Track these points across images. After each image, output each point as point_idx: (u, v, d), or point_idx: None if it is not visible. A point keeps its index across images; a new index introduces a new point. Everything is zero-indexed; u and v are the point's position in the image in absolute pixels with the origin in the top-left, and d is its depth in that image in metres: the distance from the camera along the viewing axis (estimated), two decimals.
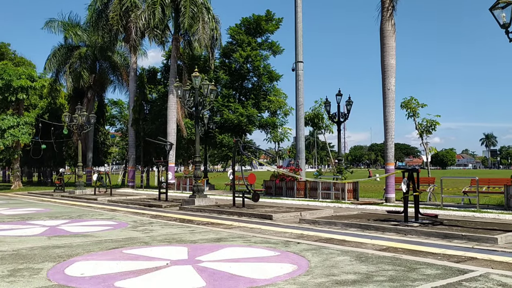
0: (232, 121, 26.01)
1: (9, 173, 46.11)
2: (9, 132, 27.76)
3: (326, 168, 75.91)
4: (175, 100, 25.76)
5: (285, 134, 26.92)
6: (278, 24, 27.61)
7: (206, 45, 25.10)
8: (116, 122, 48.15)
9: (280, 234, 7.96)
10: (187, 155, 37.05)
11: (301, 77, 20.24)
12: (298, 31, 20.03)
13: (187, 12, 24.02)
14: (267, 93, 28.09)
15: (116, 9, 25.96)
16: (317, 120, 22.07)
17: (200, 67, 25.47)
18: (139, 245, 6.84)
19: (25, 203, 16.89)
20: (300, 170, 18.94)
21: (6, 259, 5.70)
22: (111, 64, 34.46)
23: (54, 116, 35.08)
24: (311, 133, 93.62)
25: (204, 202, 14.03)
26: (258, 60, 26.78)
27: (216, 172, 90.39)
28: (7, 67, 28.91)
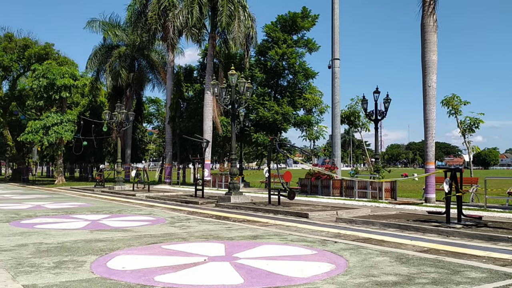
0: (267, 119, 26.00)
1: (53, 169, 47.95)
2: (53, 129, 28.81)
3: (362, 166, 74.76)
4: (211, 98, 26.00)
5: (321, 132, 26.64)
6: (314, 21, 27.37)
7: (241, 43, 25.18)
8: (153, 119, 49.18)
9: (316, 233, 7.89)
10: (223, 152, 37.39)
11: (337, 75, 19.99)
12: (335, 28, 19.77)
13: (224, 11, 24.17)
14: (303, 91, 27.91)
15: (154, 9, 26.44)
16: (353, 118, 21.69)
17: (236, 65, 25.58)
18: (177, 240, 6.94)
19: (68, 198, 17.51)
20: (336, 169, 18.72)
21: (52, 251, 5.91)
22: (149, 62, 35.17)
23: (94, 113, 36.15)
24: (346, 131, 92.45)
25: (240, 200, 14.09)
26: (294, 57, 26.65)
27: (251, 169, 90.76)
28: (51, 66, 29.99)
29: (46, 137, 28.71)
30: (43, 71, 29.24)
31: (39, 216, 10.53)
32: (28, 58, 33.32)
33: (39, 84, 28.91)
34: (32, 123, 29.43)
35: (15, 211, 11.81)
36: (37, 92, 29.39)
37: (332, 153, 20.06)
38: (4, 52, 33.05)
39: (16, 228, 8.24)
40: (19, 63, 34.10)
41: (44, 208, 12.65)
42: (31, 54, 33.20)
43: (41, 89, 29.09)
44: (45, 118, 29.32)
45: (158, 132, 49.97)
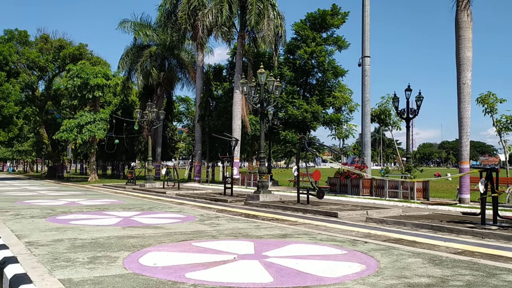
0: (296, 118, 25.92)
1: (86, 166, 49.26)
2: (86, 128, 29.62)
3: (392, 166, 73.48)
4: (240, 96, 26.12)
5: (350, 131, 26.37)
6: (344, 18, 27.08)
7: (270, 41, 25.17)
8: (183, 118, 49.79)
9: (346, 232, 7.81)
10: (251, 150, 37.52)
11: (367, 72, 19.72)
12: (365, 25, 19.50)
13: (254, 9, 24.22)
14: (332, 89, 27.68)
15: (184, 9, 26.76)
16: (383, 117, 21.36)
17: (265, 63, 25.62)
18: (207, 238, 7.01)
19: (100, 195, 17.94)
20: (366, 168, 18.48)
21: (86, 247, 6.08)
22: (179, 62, 35.63)
23: (126, 112, 36.92)
24: (376, 130, 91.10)
25: (269, 198, 14.10)
26: (323, 55, 26.45)
27: (279, 168, 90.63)
28: (85, 66, 30.82)
29: (80, 135, 29.55)
30: (77, 71, 30.09)
31: (74, 212, 10.84)
32: (63, 58, 34.33)
33: (73, 84, 29.78)
34: (67, 121, 30.35)
35: (51, 207, 12.19)
36: (72, 91, 30.28)
37: (362, 152, 19.81)
38: (40, 53, 34.17)
39: (52, 224, 8.50)
40: (55, 63, 35.18)
41: (78, 205, 13.01)
42: (65, 55, 34.19)
43: (75, 89, 29.94)
44: (79, 117, 30.16)
45: (187, 130, 50.59)
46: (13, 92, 32.24)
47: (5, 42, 33.51)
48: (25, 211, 10.97)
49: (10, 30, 34.49)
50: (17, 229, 7.72)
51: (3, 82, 31.89)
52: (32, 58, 33.26)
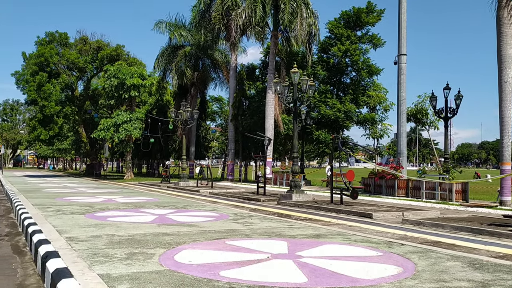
0: (329, 117, 25.68)
1: (122, 164, 50.46)
2: (123, 127, 30.34)
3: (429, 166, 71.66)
4: (273, 96, 26.11)
5: (385, 131, 25.88)
6: (380, 16, 26.60)
7: (304, 41, 25.03)
8: (216, 117, 50.22)
9: (381, 234, 7.67)
10: (284, 150, 37.41)
11: (403, 71, 19.30)
12: (402, 22, 19.09)
13: (287, 8, 24.15)
14: (366, 88, 27.25)
15: (218, 9, 26.97)
16: (420, 116, 20.89)
17: (298, 62, 25.47)
18: (240, 237, 7.04)
19: (136, 193, 18.34)
20: (401, 168, 18.09)
21: (123, 243, 6.22)
22: (213, 62, 35.95)
23: (161, 112, 37.59)
24: (412, 129, 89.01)
25: (302, 198, 14.03)
26: (358, 54, 26.08)
27: (312, 168, 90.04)
28: (122, 67, 31.57)
29: (116, 134, 30.30)
30: (114, 71, 30.86)
31: (111, 209, 11.12)
32: (100, 59, 35.28)
33: (111, 84, 30.56)
34: (104, 121, 31.18)
35: (90, 204, 12.56)
36: (109, 91, 31.09)
37: (397, 152, 19.41)
38: (79, 54, 35.23)
39: (91, 220, 8.76)
40: (93, 64, 36.19)
41: (115, 202, 13.34)
42: (103, 56, 35.11)
43: (112, 89, 30.72)
44: (116, 116, 30.93)
45: (221, 129, 51.01)
46: (54, 92, 33.40)
47: (46, 44, 34.75)
48: (65, 207, 11.35)
49: (51, 32, 35.74)
50: (58, 224, 8.00)
51: (45, 83, 33.08)
52: (72, 59, 34.35)
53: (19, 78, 35.15)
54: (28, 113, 67.39)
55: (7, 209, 11.62)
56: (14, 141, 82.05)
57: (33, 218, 8.30)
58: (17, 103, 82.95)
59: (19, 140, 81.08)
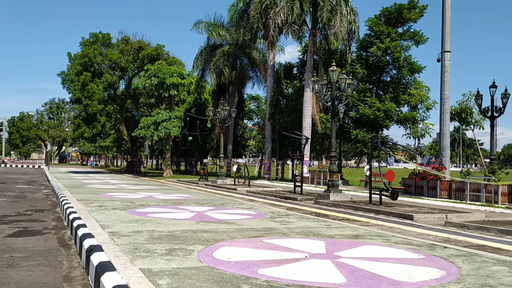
0: (368, 116, 25.21)
1: (161, 162, 51.51)
2: (162, 125, 30.96)
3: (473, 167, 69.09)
4: (310, 94, 25.92)
5: (427, 130, 25.13)
6: (422, 12, 25.83)
7: (343, 38, 24.69)
8: (253, 116, 50.39)
9: (423, 236, 7.47)
10: (321, 149, 37.08)
11: (447, 68, 18.70)
12: (446, 18, 18.49)
13: (325, 6, 23.90)
14: (407, 86, 26.54)
15: (257, 8, 27.03)
16: (464, 115, 20.17)
17: (337, 61, 25.16)
18: (278, 235, 7.04)
19: (175, 190, 18.68)
20: (444, 169, 17.54)
21: (163, 239, 6.35)
22: (250, 60, 36.08)
23: (199, 110, 38.08)
24: (456, 128, 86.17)
25: (339, 198, 13.87)
26: (398, 51, 25.44)
27: (350, 167, 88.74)
28: (162, 66, 32.21)
29: (156, 132, 30.95)
30: (155, 71, 31.53)
31: (151, 205, 11.38)
32: (141, 59, 36.11)
33: (151, 83, 31.24)
34: (144, 119, 31.92)
35: (130, 200, 12.90)
36: (149, 90, 31.79)
37: (440, 152, 18.83)
38: (121, 54, 36.20)
39: (132, 216, 8.99)
40: (134, 64, 37.09)
41: (155, 199, 13.64)
42: (144, 55, 35.93)
43: (153, 88, 31.39)
44: (156, 115, 31.59)
45: (258, 128, 51.13)
46: (97, 92, 34.49)
47: (90, 45, 35.91)
48: (108, 203, 11.70)
49: (95, 33, 36.90)
50: (101, 219, 8.26)
51: (88, 82, 34.21)
52: (114, 59, 35.34)
53: (65, 78, 36.48)
54: (72, 112, 70.10)
55: (53, 204, 12.11)
56: (60, 139, 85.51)
57: (78, 212, 8.60)
58: (62, 102, 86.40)
59: (64, 137, 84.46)
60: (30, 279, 4.50)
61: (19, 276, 4.58)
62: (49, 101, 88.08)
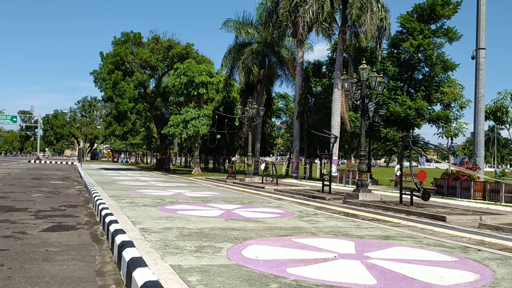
0: (398, 115, 24.74)
1: (190, 160, 52.11)
2: (191, 123, 31.30)
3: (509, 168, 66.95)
4: (339, 93, 25.65)
5: (460, 129, 24.41)
6: (456, 8, 25.11)
7: (373, 36, 24.28)
8: (282, 114, 50.28)
9: (456, 238, 7.28)
10: (350, 148, 36.67)
11: (482, 66, 18.15)
12: (481, 14, 17.94)
13: (355, 3, 23.57)
14: (440, 84, 25.87)
15: (286, 5, 26.92)
16: (500, 114, 19.55)
17: (367, 59, 24.78)
18: (306, 235, 7.00)
19: (203, 187, 18.85)
20: (478, 169, 17.05)
21: (193, 236, 6.42)
22: (279, 59, 35.99)
23: (227, 108, 38.28)
24: (490, 128, 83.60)
25: (369, 197, 13.68)
26: (431, 48, 24.81)
27: (379, 166, 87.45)
28: (191, 65, 32.56)
29: (185, 130, 31.33)
30: (184, 69, 31.90)
31: (181, 203, 11.52)
32: (171, 57, 36.58)
33: (180, 82, 31.63)
34: (174, 117, 32.34)
35: (160, 197, 13.09)
36: (178, 88, 32.19)
37: (474, 152, 18.30)
38: (151, 53, 36.77)
39: (162, 213, 9.12)
40: (164, 62, 37.59)
41: (184, 196, 13.80)
42: (174, 54, 36.38)
43: (182, 86, 31.78)
44: (185, 113, 31.97)
45: (286, 126, 51.01)
46: (128, 90, 35.15)
47: (122, 44, 36.62)
48: (138, 199, 11.92)
49: (126, 32, 37.60)
50: (132, 216, 8.42)
51: (120, 81, 34.90)
52: (145, 58, 35.92)
53: (97, 76, 37.30)
54: (104, 109, 71.67)
55: (86, 200, 12.43)
56: (92, 136, 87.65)
57: (110, 209, 8.79)
58: (94, 100, 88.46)
59: (96, 134, 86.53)
60: (64, 273, 4.63)
61: (54, 270, 4.72)
62: (81, 99, 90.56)
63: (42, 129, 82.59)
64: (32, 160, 59.32)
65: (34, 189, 15.36)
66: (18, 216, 8.68)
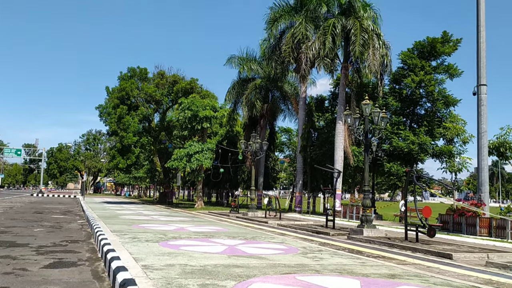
0: (402, 149, 24.75)
1: (193, 193, 51.92)
2: (195, 157, 31.36)
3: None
4: (342, 127, 25.79)
5: (464, 164, 24.28)
6: (456, 46, 25.53)
7: (375, 71, 24.65)
8: (285, 148, 50.40)
9: (463, 277, 7.14)
10: (353, 182, 36.48)
11: (483, 102, 18.29)
12: (481, 51, 18.24)
13: (358, 40, 24.04)
14: (442, 119, 25.99)
15: (288, 42, 27.48)
16: (503, 150, 19.47)
17: (369, 94, 25.01)
18: (311, 272, 6.89)
19: (206, 222, 18.69)
20: (483, 205, 16.88)
21: (195, 274, 6.33)
22: (282, 93, 36.43)
23: (231, 142, 38.44)
24: (494, 162, 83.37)
25: (373, 233, 13.52)
26: (433, 84, 25.09)
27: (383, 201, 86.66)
28: (195, 99, 32.95)
29: (189, 164, 31.35)
30: (188, 104, 32.26)
31: (183, 238, 11.40)
32: (176, 92, 37.08)
33: (184, 116, 31.92)
34: (177, 151, 32.46)
35: (163, 231, 12.98)
36: (182, 123, 32.45)
37: (478, 188, 18.17)
38: (156, 88, 37.29)
39: (164, 249, 9.02)
40: (169, 97, 38.09)
41: (187, 231, 13.67)
42: (178, 89, 36.89)
43: (186, 120, 32.04)
44: (188, 147, 32.09)
45: (289, 160, 50.98)
46: (132, 124, 35.44)
47: (128, 79, 37.21)
48: (141, 234, 11.81)
49: (133, 68, 38.28)
50: (134, 252, 8.33)
51: (124, 115, 35.25)
52: (150, 92, 36.42)
53: (102, 111, 37.72)
54: (108, 143, 72.01)
55: (88, 234, 12.32)
56: (95, 169, 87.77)
57: (111, 244, 8.71)
58: (99, 133, 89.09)
59: (99, 168, 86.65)
60: None
61: None
62: (86, 132, 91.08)
63: (46, 162, 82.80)
64: (34, 194, 59.24)
65: (36, 223, 15.27)
66: (19, 251, 8.60)
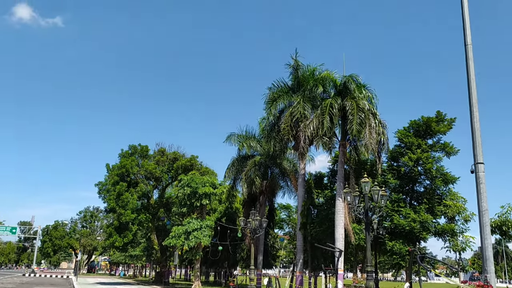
0: (403, 227, 24.44)
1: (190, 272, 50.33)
2: (193, 234, 30.88)
3: None
4: (342, 205, 25.67)
5: (467, 243, 23.87)
6: (451, 125, 26.25)
7: (373, 149, 25.06)
8: (284, 225, 49.71)
9: None
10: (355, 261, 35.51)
11: (482, 180, 18.36)
12: (476, 131, 18.67)
13: (355, 119, 24.74)
14: (442, 197, 25.98)
15: (287, 121, 28.21)
16: (506, 228, 19.30)
17: (367, 171, 25.26)
18: None
19: None
20: (490, 287, 16.32)
21: None
22: (281, 170, 36.66)
23: (230, 219, 38.00)
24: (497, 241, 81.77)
25: None
26: (430, 162, 25.41)
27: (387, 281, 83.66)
28: (195, 176, 33.14)
29: (187, 241, 30.77)
30: (188, 180, 32.39)
31: None
32: (176, 169, 37.39)
33: (184, 193, 31.90)
34: (176, 228, 32.02)
35: None
36: (182, 199, 32.36)
37: (483, 268, 17.70)
38: (157, 165, 37.66)
39: None
40: (168, 174, 38.34)
41: None
42: (178, 166, 37.25)
43: (185, 197, 31.98)
44: (187, 224, 31.70)
45: (288, 238, 50.04)
46: (131, 201, 35.32)
47: (128, 156, 37.71)
48: None
49: (134, 145, 38.95)
50: None
51: (124, 192, 35.24)
52: (150, 169, 36.73)
53: (101, 188, 37.75)
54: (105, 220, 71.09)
55: None
56: (90, 247, 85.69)
57: None
58: (96, 210, 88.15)
59: (95, 246, 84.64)
60: None
61: None
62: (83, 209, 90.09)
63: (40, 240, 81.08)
64: (27, 274, 57.41)
65: None
66: None
